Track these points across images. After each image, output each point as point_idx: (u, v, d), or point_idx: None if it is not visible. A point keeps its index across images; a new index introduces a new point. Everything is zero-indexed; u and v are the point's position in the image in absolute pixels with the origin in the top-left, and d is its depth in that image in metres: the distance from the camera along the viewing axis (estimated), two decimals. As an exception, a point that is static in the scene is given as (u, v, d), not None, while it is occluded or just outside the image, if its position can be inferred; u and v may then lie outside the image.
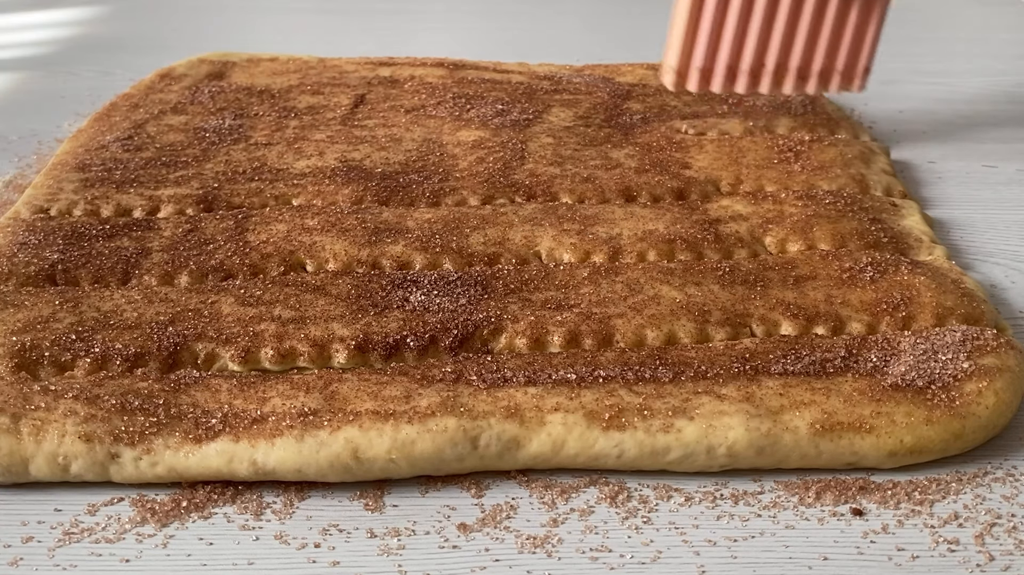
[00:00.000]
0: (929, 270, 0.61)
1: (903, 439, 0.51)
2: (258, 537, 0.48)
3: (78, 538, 0.48)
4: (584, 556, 0.47)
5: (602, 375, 0.53)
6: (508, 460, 0.51)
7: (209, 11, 1.21)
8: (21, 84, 0.99)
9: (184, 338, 0.55)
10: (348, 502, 0.50)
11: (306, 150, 0.76)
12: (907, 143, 0.86)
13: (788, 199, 0.69)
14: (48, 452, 0.49)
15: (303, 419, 0.50)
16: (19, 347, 0.55)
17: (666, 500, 0.50)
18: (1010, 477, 0.51)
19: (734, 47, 0.75)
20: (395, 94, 0.87)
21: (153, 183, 0.71)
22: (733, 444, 0.50)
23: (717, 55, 0.75)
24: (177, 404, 0.51)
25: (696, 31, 0.74)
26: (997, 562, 0.46)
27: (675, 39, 0.75)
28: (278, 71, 0.92)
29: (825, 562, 0.46)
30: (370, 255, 0.63)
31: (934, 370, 0.53)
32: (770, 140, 0.77)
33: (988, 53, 1.08)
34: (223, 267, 0.62)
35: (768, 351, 0.55)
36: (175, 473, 0.50)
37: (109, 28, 1.16)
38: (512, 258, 0.64)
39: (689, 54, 0.75)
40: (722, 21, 0.74)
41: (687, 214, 0.67)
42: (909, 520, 0.49)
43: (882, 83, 0.98)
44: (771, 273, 0.61)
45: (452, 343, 0.56)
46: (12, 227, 0.66)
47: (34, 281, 0.61)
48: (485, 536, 0.48)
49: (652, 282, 0.60)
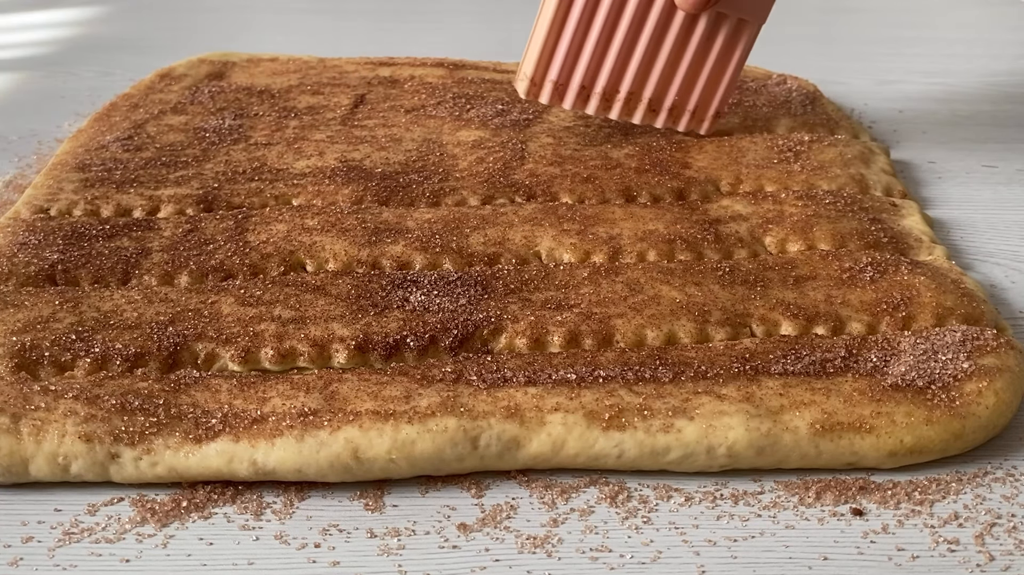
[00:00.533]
0: (929, 270, 0.61)
1: (903, 439, 0.51)
2: (258, 537, 0.48)
3: (78, 538, 0.48)
4: (584, 556, 0.47)
5: (602, 375, 0.53)
6: (508, 460, 0.51)
7: (209, 11, 1.21)
8: (21, 84, 0.99)
9: (184, 338, 0.56)
10: (348, 502, 0.50)
11: (306, 150, 0.76)
12: (907, 143, 0.86)
13: (788, 199, 0.69)
14: (48, 452, 0.49)
15: (303, 419, 0.50)
16: (19, 347, 0.55)
17: (666, 500, 0.50)
18: (1010, 477, 0.51)
19: (590, 68, 0.74)
20: (395, 94, 0.87)
21: (153, 183, 0.71)
22: (733, 444, 0.50)
23: (573, 73, 0.74)
24: (177, 404, 0.51)
25: (556, 44, 0.73)
26: (997, 562, 0.46)
27: (534, 48, 0.74)
28: (278, 71, 0.92)
29: (825, 562, 0.46)
30: (370, 255, 0.63)
31: (934, 370, 0.53)
32: (770, 140, 0.77)
33: (988, 53, 1.08)
34: (223, 267, 0.62)
35: (768, 351, 0.55)
36: (175, 473, 0.50)
37: (109, 28, 1.16)
38: (512, 258, 0.64)
39: (546, 66, 0.74)
40: (582, 40, 0.73)
41: (687, 214, 0.67)
42: (909, 520, 0.49)
43: (882, 83, 0.99)
44: (771, 273, 0.61)
45: (452, 343, 0.56)
46: (12, 227, 0.66)
47: (34, 281, 0.61)
48: (485, 536, 0.48)
49: (652, 282, 0.60)
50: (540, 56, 0.74)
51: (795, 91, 0.87)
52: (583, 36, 0.73)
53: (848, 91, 0.96)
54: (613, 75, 0.74)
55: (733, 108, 0.83)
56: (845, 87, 0.97)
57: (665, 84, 0.75)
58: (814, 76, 0.94)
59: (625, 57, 0.74)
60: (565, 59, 0.74)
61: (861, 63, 1.04)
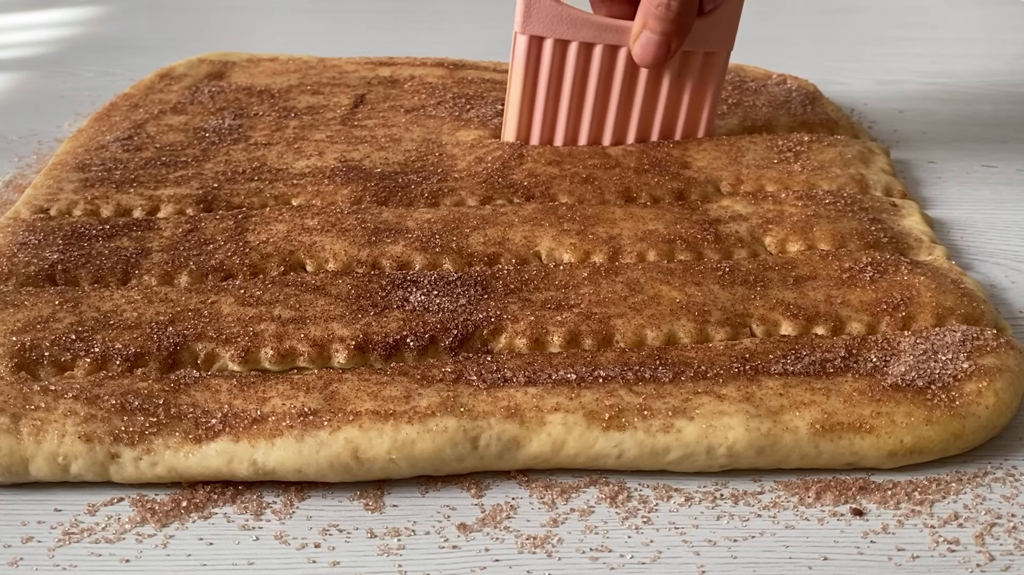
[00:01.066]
0: (929, 270, 0.61)
1: (903, 439, 0.51)
2: (258, 537, 0.48)
3: (78, 538, 0.48)
4: (584, 556, 0.47)
5: (602, 375, 0.53)
6: (508, 460, 0.51)
7: (209, 11, 1.21)
8: (21, 84, 0.99)
9: (184, 338, 0.56)
10: (348, 502, 0.50)
11: (306, 150, 0.76)
12: (907, 143, 0.86)
13: (788, 199, 0.69)
14: (48, 452, 0.49)
15: (303, 419, 0.50)
16: (19, 347, 0.55)
17: (666, 500, 0.50)
18: (1010, 477, 0.51)
19: (570, 125, 0.74)
20: (395, 94, 0.87)
21: (153, 183, 0.71)
22: (733, 444, 0.50)
23: (554, 132, 0.75)
24: (177, 404, 0.51)
25: (531, 109, 0.74)
26: (997, 562, 0.46)
27: (511, 117, 0.74)
28: (278, 71, 0.92)
29: (825, 562, 0.46)
30: (370, 255, 0.63)
31: (934, 370, 0.53)
32: (769, 140, 0.77)
33: (988, 53, 1.08)
34: (223, 267, 0.62)
35: (768, 351, 0.55)
36: (175, 473, 0.50)
37: (109, 28, 1.16)
38: (512, 258, 0.64)
39: (527, 131, 0.75)
40: (556, 101, 0.73)
41: (687, 214, 0.67)
42: (909, 520, 0.49)
43: (882, 83, 0.99)
44: (771, 273, 0.61)
45: (452, 343, 0.56)
46: (12, 227, 0.66)
47: (34, 281, 0.61)
48: (485, 536, 0.48)
49: (652, 282, 0.60)
50: (519, 123, 0.74)
51: (795, 91, 0.87)
52: (556, 97, 0.73)
53: (848, 91, 0.96)
54: (593, 129, 0.75)
55: (733, 108, 0.83)
56: (845, 87, 0.97)
57: (647, 123, 0.75)
58: (814, 76, 0.94)
59: (601, 110, 0.74)
60: (543, 122, 0.74)
61: (861, 63, 1.04)
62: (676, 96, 0.75)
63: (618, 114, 0.75)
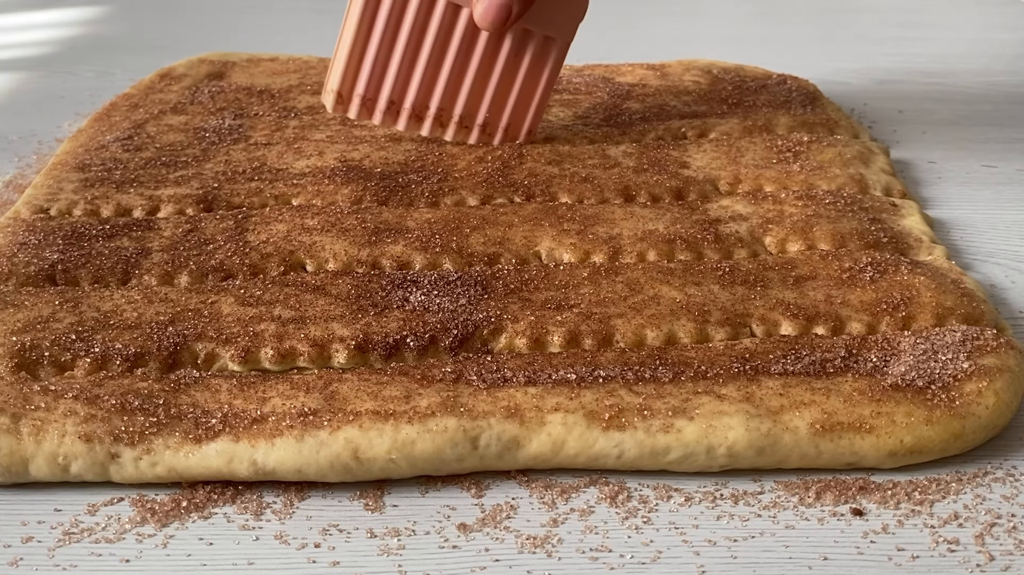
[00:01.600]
0: (929, 270, 0.61)
1: (903, 439, 0.51)
2: (258, 537, 0.48)
3: (78, 538, 0.48)
4: (584, 556, 0.47)
5: (602, 375, 0.53)
6: (508, 460, 0.51)
7: (209, 11, 1.21)
8: (21, 84, 0.99)
9: (184, 338, 0.56)
10: (348, 502, 0.50)
11: (306, 150, 0.76)
12: (907, 143, 0.86)
13: (788, 199, 0.69)
14: (48, 452, 0.49)
15: (303, 419, 0.50)
16: (19, 347, 0.55)
17: (666, 500, 0.50)
18: (1010, 477, 0.51)
19: (398, 83, 0.73)
20: (395, 94, 0.87)
21: (153, 183, 0.71)
22: (733, 444, 0.50)
23: (381, 87, 0.73)
24: (177, 404, 0.51)
25: (361, 58, 0.72)
26: (997, 562, 0.46)
27: (339, 62, 0.72)
28: (278, 71, 0.92)
29: (825, 562, 0.46)
30: (370, 255, 0.63)
31: (934, 370, 0.53)
32: (769, 140, 0.77)
33: (988, 53, 1.08)
34: (223, 267, 0.62)
35: (768, 351, 0.55)
36: (175, 473, 0.50)
37: (109, 28, 1.16)
38: (512, 258, 0.64)
39: (352, 80, 0.73)
40: (388, 54, 0.72)
41: (687, 214, 0.67)
42: (909, 520, 0.49)
43: (882, 83, 0.99)
44: (771, 273, 0.61)
45: (452, 343, 0.56)
46: (12, 227, 0.66)
47: (34, 281, 0.61)
48: (485, 536, 0.48)
49: (652, 282, 0.60)
50: (346, 70, 0.72)
51: (795, 91, 0.87)
52: (388, 50, 0.72)
53: (848, 91, 0.96)
54: (422, 91, 0.73)
55: (733, 108, 0.83)
56: (845, 87, 0.97)
57: (475, 101, 0.74)
58: (814, 76, 0.94)
59: (433, 73, 0.73)
60: (371, 73, 0.72)
61: (861, 63, 1.04)
62: (509, 77, 0.73)
63: (449, 81, 0.73)
